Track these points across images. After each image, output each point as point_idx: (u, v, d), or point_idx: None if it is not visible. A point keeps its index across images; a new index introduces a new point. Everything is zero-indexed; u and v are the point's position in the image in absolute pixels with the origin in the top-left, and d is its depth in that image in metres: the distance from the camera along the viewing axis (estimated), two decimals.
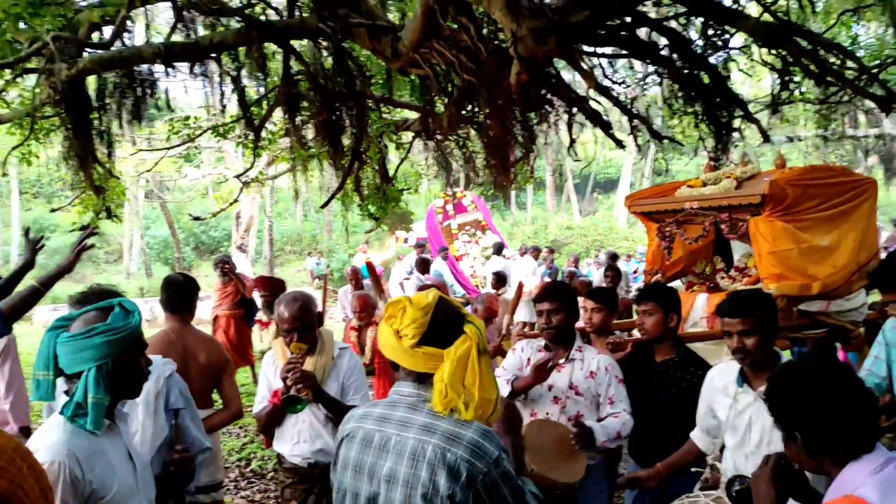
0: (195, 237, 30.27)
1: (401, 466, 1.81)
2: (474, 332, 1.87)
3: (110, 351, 1.98)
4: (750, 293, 3.15)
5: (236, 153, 17.16)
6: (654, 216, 5.70)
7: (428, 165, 8.31)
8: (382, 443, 1.88)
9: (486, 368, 1.83)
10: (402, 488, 1.79)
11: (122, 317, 2.04)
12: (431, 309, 1.91)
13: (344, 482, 1.93)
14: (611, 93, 4.77)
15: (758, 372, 2.95)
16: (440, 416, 1.83)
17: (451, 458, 1.76)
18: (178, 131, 7.09)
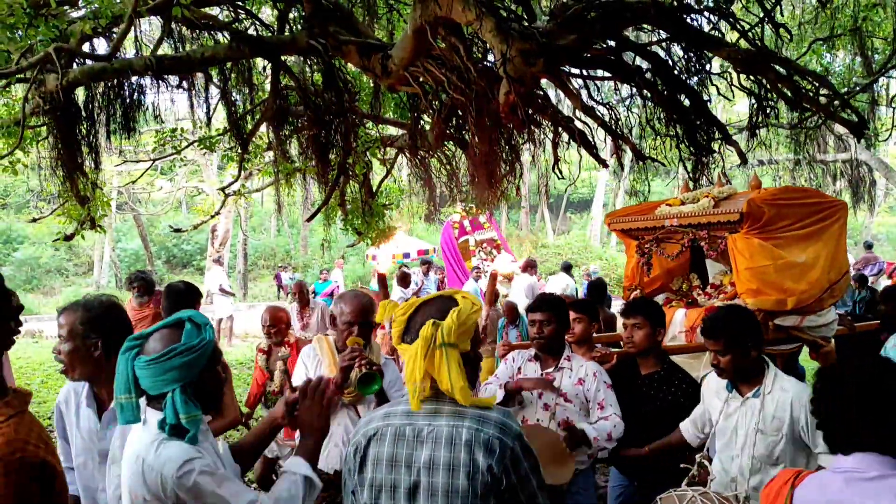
0: (167, 250, 30.01)
1: (440, 452, 1.94)
2: (430, 328, 1.96)
3: (191, 370, 2.00)
4: (726, 312, 3.31)
5: (212, 165, 17.13)
6: (634, 233, 5.86)
7: (411, 182, 8.40)
8: (416, 434, 1.99)
9: (441, 360, 1.93)
10: (445, 472, 1.92)
11: (195, 333, 2.04)
12: (410, 310, 2.08)
13: (379, 477, 2.01)
14: (596, 113, 4.91)
15: (744, 380, 3.23)
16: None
17: (485, 436, 1.92)
18: (164, 143, 7.11)
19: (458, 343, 1.97)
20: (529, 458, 1.96)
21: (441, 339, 1.94)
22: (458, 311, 1.98)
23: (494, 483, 1.90)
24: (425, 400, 1.99)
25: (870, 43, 9.84)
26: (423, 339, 1.96)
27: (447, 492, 1.91)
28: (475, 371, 2.13)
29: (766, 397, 3.18)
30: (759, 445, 3.14)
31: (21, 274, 25.79)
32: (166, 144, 7.03)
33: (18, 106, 6.25)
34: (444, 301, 2.08)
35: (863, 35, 9.20)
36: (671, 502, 3.05)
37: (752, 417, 3.19)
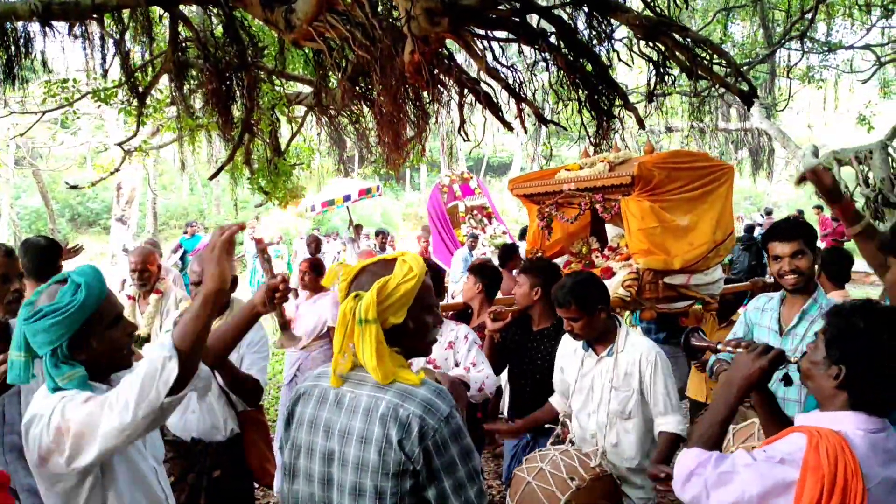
0: (71, 208, 28.71)
1: (355, 422, 1.83)
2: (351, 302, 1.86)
3: (61, 334, 1.86)
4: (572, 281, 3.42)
5: (117, 121, 16.37)
6: (535, 198, 5.97)
7: (321, 141, 8.27)
8: (337, 400, 1.90)
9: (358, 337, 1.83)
10: (357, 443, 1.81)
11: (68, 293, 1.89)
12: (350, 276, 1.96)
13: (299, 438, 1.94)
14: (500, 76, 4.93)
15: (599, 340, 3.45)
16: None
17: (403, 413, 1.79)
18: (54, 94, 6.73)
19: (387, 316, 1.85)
20: (459, 443, 1.83)
21: (359, 316, 1.82)
22: (384, 284, 1.84)
23: (409, 464, 1.78)
24: (355, 367, 1.90)
25: (771, 15, 10.18)
26: (342, 312, 1.86)
27: (357, 464, 1.81)
28: (420, 341, 1.98)
29: (619, 355, 3.37)
30: (614, 401, 3.34)
31: None
32: (56, 96, 6.66)
33: None
34: (380, 267, 1.93)
35: (764, 6, 9.51)
36: (534, 462, 3.18)
37: (606, 374, 3.37)
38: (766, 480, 1.75)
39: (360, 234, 13.66)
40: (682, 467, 1.89)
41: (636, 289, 5.01)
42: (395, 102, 5.22)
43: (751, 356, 2.02)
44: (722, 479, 1.80)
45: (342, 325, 1.85)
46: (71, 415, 1.81)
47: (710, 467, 1.83)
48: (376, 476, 1.79)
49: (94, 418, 1.79)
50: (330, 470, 1.87)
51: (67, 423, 1.80)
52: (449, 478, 1.81)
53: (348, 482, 1.83)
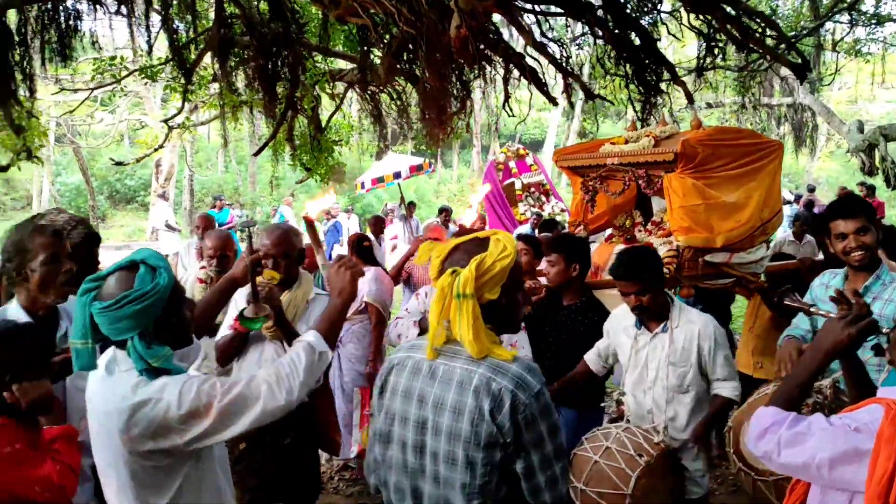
0: (109, 185, 29.12)
1: (448, 393, 1.89)
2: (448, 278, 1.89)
3: (147, 317, 1.93)
4: (637, 254, 3.45)
5: (155, 98, 16.56)
6: (579, 171, 5.93)
7: (361, 117, 8.29)
8: (431, 371, 1.96)
9: (455, 311, 1.87)
10: (450, 414, 1.87)
11: (148, 278, 1.95)
12: (444, 253, 1.99)
13: (393, 406, 2.02)
14: (547, 50, 4.89)
15: (654, 317, 3.44)
16: None
17: (496, 386, 1.83)
18: (103, 71, 6.83)
19: (483, 292, 1.88)
20: (547, 420, 1.88)
21: (456, 290, 1.85)
22: (481, 260, 1.87)
23: (499, 436, 1.83)
24: (449, 341, 1.94)
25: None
26: (440, 287, 1.90)
27: (450, 434, 1.87)
28: (511, 318, 2.01)
29: (675, 331, 3.38)
30: (671, 376, 3.35)
31: None
32: (105, 73, 6.76)
33: None
34: (474, 245, 1.96)
35: None
36: (597, 441, 3.20)
37: (661, 351, 3.38)
38: (839, 446, 1.74)
39: (413, 213, 13.44)
40: (757, 424, 1.91)
41: (675, 266, 4.98)
42: (440, 78, 5.21)
43: (841, 323, 2.00)
44: (795, 440, 1.81)
45: (439, 299, 1.90)
46: (208, 398, 1.93)
47: (786, 427, 1.84)
48: (468, 446, 1.85)
49: (245, 401, 1.96)
50: (423, 438, 1.94)
51: (210, 405, 1.92)
52: (537, 453, 1.86)
53: (441, 450, 1.90)
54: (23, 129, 6.01)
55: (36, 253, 2.62)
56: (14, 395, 2.21)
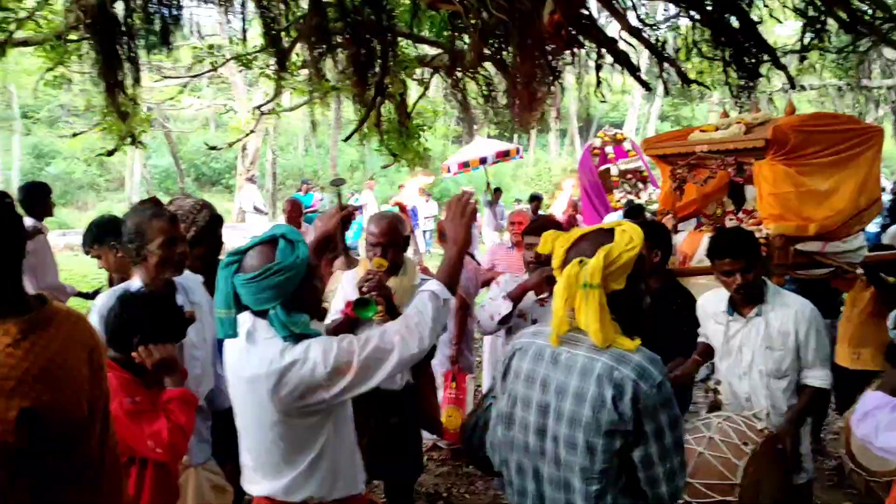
0: (196, 168, 30.12)
1: (571, 379, 1.93)
2: (575, 267, 1.91)
3: (288, 288, 2.04)
4: (738, 232, 3.39)
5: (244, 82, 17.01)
6: (668, 159, 5.85)
7: (446, 102, 8.33)
8: (553, 357, 2.00)
9: (581, 300, 1.89)
10: (573, 399, 1.91)
11: (289, 251, 2.06)
12: (568, 243, 2.02)
13: (516, 389, 2.08)
14: (642, 34, 4.81)
15: (748, 301, 3.34)
16: None
17: (618, 375, 1.86)
18: (202, 59, 7.08)
19: (609, 282, 1.89)
20: (668, 412, 1.88)
21: (584, 280, 1.88)
22: (608, 251, 1.88)
23: (620, 424, 1.85)
24: (571, 329, 1.97)
25: None
26: (566, 276, 1.92)
27: (572, 419, 1.91)
28: (635, 308, 2.01)
29: (770, 314, 3.28)
30: (769, 362, 3.27)
31: (55, 189, 26.15)
32: (204, 61, 7.00)
33: (59, 20, 6.26)
34: (600, 235, 1.98)
35: None
36: (698, 432, 3.15)
37: (757, 336, 3.29)
38: None
39: (499, 199, 13.28)
40: (861, 407, 1.94)
41: (764, 254, 4.86)
42: (531, 64, 5.20)
43: None
44: (893, 424, 1.82)
45: (565, 288, 1.92)
46: (348, 355, 2.06)
47: (887, 411, 1.85)
48: (589, 431, 1.88)
49: (382, 353, 2.09)
50: (545, 421, 1.99)
51: (350, 361, 2.05)
52: (656, 443, 1.88)
53: (562, 434, 1.94)
54: (127, 116, 6.30)
55: (153, 236, 2.82)
56: (141, 356, 2.38)
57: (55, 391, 1.62)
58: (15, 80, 17.83)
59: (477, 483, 4.85)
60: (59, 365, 1.66)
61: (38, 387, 1.59)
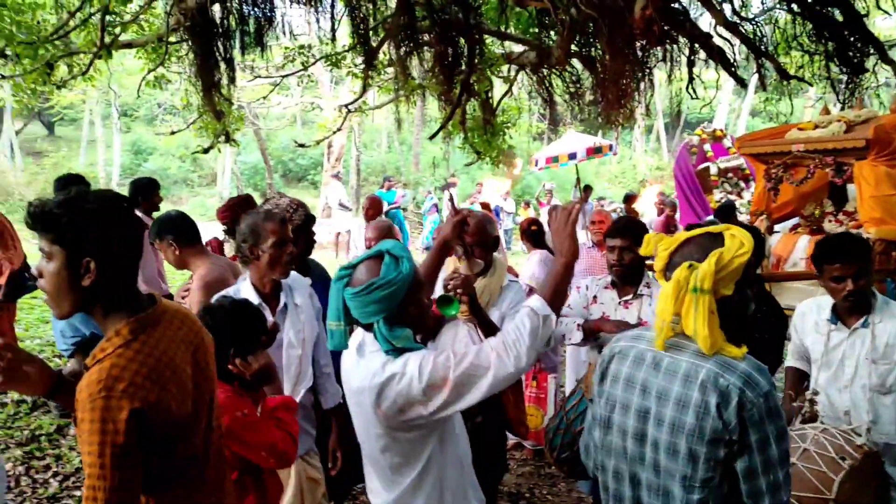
0: (283, 165, 30.95)
1: (673, 386, 1.90)
2: (685, 271, 1.88)
3: (391, 302, 2.05)
4: (850, 237, 3.23)
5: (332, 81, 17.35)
6: (763, 158, 5.67)
7: (531, 99, 8.27)
8: (654, 362, 1.98)
9: (690, 305, 1.85)
10: (674, 406, 1.88)
11: (392, 267, 2.07)
12: (673, 246, 1.98)
13: (615, 394, 2.05)
14: (739, 29, 4.65)
15: (855, 310, 3.18)
16: None
17: (724, 383, 1.81)
18: (293, 59, 7.27)
19: (718, 288, 1.85)
20: (774, 422, 1.82)
21: (694, 284, 1.84)
22: (719, 255, 1.84)
23: (725, 433, 1.81)
24: (675, 334, 1.94)
25: None
26: (675, 281, 1.88)
27: (673, 425, 1.88)
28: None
29: (877, 326, 3.11)
30: (873, 375, 3.11)
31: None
32: (294, 60, 7.18)
33: (160, 22, 6.54)
34: (708, 239, 1.94)
35: None
36: (792, 442, 3.02)
37: (861, 347, 3.13)
38: None
39: (589, 197, 12.73)
40: None
41: None
42: (620, 60, 5.11)
43: None
44: None
45: (673, 292, 1.88)
46: (444, 370, 2.01)
47: None
48: (692, 439, 1.84)
49: (477, 370, 2.02)
50: (644, 427, 1.96)
51: (446, 377, 2.01)
52: (760, 454, 1.82)
53: (663, 441, 1.90)
54: (223, 115, 6.52)
55: (266, 236, 2.97)
56: (238, 367, 2.44)
57: (162, 391, 1.69)
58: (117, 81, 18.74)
59: (560, 484, 4.82)
60: (165, 364, 1.73)
61: (147, 387, 1.65)
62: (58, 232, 1.66)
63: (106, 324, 1.75)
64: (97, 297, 1.73)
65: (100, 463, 1.58)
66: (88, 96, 23.60)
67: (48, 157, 26.05)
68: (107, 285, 1.71)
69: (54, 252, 1.68)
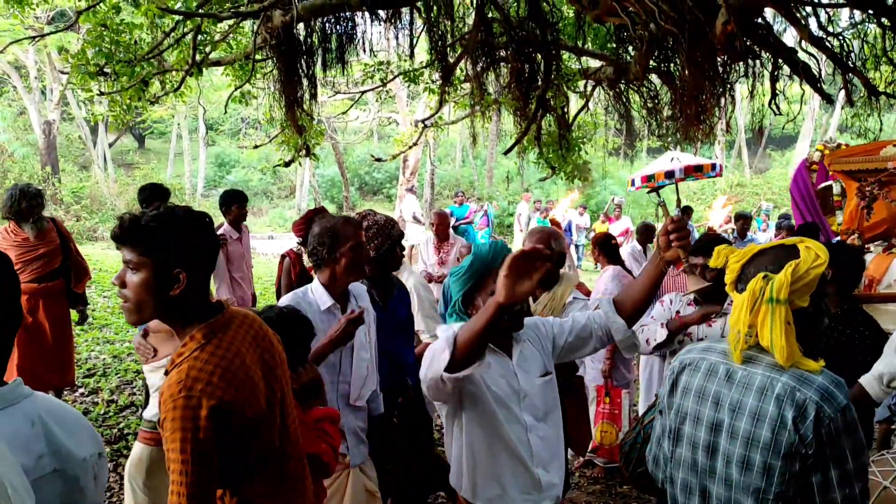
0: (359, 178, 31.56)
1: (748, 398, 1.88)
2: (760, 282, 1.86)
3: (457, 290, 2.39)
4: None
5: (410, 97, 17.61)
6: (856, 175, 5.49)
7: (606, 115, 8.22)
8: (728, 375, 1.96)
9: (766, 316, 1.84)
10: (749, 419, 1.87)
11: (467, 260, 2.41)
12: (745, 258, 1.98)
13: (685, 405, 2.05)
14: (824, 44, 4.53)
15: None
16: None
17: (801, 397, 1.80)
18: (372, 75, 7.44)
19: (793, 299, 1.84)
20: (852, 437, 1.80)
21: (770, 295, 1.83)
22: (796, 266, 1.84)
23: (801, 447, 1.79)
24: (750, 346, 1.93)
25: None
26: (750, 291, 1.88)
27: (748, 439, 1.86)
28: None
29: None
30: None
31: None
32: (374, 76, 7.35)
33: (246, 41, 6.81)
34: (782, 251, 1.93)
35: None
36: (885, 465, 2.92)
37: None
38: None
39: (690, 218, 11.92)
40: None
41: None
42: (700, 76, 5.03)
43: None
44: None
45: (749, 303, 1.87)
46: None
47: None
48: (767, 453, 1.82)
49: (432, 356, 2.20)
50: (716, 440, 1.94)
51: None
52: (837, 468, 1.79)
53: (736, 454, 1.88)
54: (304, 129, 6.72)
55: (346, 240, 3.03)
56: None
57: (235, 390, 1.78)
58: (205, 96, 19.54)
59: (632, 503, 4.74)
60: (238, 366, 1.82)
61: (222, 386, 1.75)
62: (149, 244, 1.78)
63: (184, 331, 1.87)
64: (179, 306, 1.85)
65: (182, 459, 1.68)
66: (177, 111, 24.62)
67: (138, 169, 27.31)
68: (191, 295, 1.84)
69: (143, 263, 1.80)
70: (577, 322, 2.53)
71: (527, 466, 2.39)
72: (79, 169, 25.33)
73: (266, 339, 2.01)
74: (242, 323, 1.95)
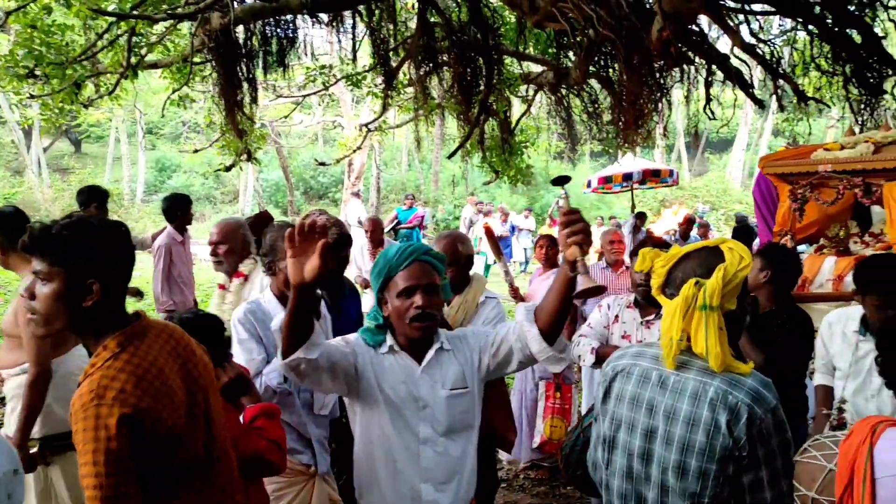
0: (304, 182, 31.21)
1: (682, 404, 1.89)
2: (692, 289, 1.86)
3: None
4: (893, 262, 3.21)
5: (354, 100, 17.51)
6: (788, 178, 5.65)
7: (549, 119, 8.32)
8: (661, 381, 1.96)
9: (700, 322, 1.84)
10: (684, 425, 1.87)
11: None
12: (671, 262, 1.97)
13: (619, 413, 2.04)
14: (756, 51, 4.67)
15: None
16: None
17: (733, 400, 1.81)
18: (314, 79, 7.37)
19: (723, 304, 1.85)
20: (781, 436, 1.83)
21: (703, 301, 1.83)
22: (724, 270, 1.84)
23: (735, 450, 1.81)
24: (681, 352, 1.93)
25: None
26: (682, 298, 1.87)
27: (683, 445, 1.86)
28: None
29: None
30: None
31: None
32: (316, 80, 7.28)
33: (184, 43, 6.68)
34: (708, 255, 1.93)
35: None
36: (825, 448, 3.01)
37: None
38: None
39: (643, 225, 11.94)
40: None
41: None
42: (637, 81, 5.13)
43: None
44: None
45: (682, 309, 1.87)
46: None
47: None
48: (702, 458, 1.84)
49: None
50: (651, 446, 1.95)
51: None
52: (767, 468, 1.82)
53: (672, 460, 1.89)
54: (245, 133, 6.62)
55: (285, 253, 2.93)
56: None
57: (152, 399, 1.72)
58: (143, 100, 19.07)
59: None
60: (154, 375, 1.77)
61: (136, 394, 1.69)
62: (60, 254, 1.73)
63: (98, 342, 1.81)
64: (92, 318, 1.80)
65: (96, 472, 1.61)
66: (114, 114, 24.00)
67: (74, 174, 26.50)
68: (105, 305, 1.79)
69: (54, 274, 1.74)
70: (498, 336, 2.39)
71: (407, 479, 2.27)
72: (11, 174, 24.49)
73: (187, 349, 1.96)
74: (161, 332, 1.91)
